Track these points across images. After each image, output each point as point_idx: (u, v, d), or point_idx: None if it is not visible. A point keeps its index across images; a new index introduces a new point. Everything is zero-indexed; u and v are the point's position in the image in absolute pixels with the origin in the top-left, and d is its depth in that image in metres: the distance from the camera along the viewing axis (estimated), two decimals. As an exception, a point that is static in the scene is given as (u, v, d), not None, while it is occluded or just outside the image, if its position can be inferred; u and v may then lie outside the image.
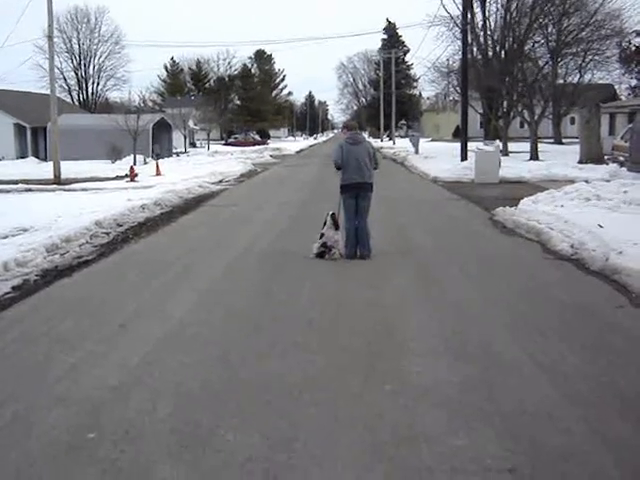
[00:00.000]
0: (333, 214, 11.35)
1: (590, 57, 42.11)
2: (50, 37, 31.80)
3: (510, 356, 6.36)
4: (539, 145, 38.96)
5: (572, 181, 21.04)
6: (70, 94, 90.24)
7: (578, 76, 44.84)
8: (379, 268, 10.57)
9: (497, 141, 37.19)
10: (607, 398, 5.36)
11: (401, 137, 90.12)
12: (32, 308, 8.60)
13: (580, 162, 31.00)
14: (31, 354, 6.70)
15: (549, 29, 40.32)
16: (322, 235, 11.24)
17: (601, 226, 11.68)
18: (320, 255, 11.13)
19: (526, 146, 40.98)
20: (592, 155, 31.19)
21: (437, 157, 39.84)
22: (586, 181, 19.18)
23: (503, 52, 41.76)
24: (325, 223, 11.31)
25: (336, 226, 11.27)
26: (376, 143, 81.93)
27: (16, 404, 5.43)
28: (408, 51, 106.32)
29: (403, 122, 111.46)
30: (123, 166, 36.15)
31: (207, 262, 11.29)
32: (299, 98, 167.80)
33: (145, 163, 40.78)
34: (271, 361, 6.30)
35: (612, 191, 16.30)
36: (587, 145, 32.08)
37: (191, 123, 73.36)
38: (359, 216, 11.35)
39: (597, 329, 7.25)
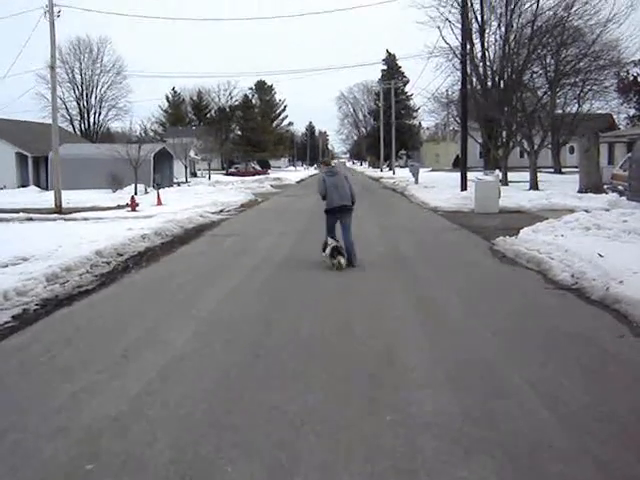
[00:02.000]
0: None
1: (588, 87, 42.43)
2: (52, 67, 32.06)
3: (510, 385, 6.35)
4: (539, 175, 39.12)
5: (572, 210, 21.09)
6: (72, 124, 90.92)
7: (577, 106, 45.19)
8: (380, 298, 10.56)
9: (497, 171, 37.36)
10: (608, 427, 5.34)
11: (401, 167, 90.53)
12: (32, 337, 8.59)
13: (580, 191, 31.08)
14: (31, 384, 6.69)
15: (547, 60, 40.65)
16: (326, 245, 13.35)
17: (601, 255, 11.69)
18: (333, 251, 13.10)
19: (526, 176, 41.13)
20: (591, 184, 31.29)
21: (437, 187, 39.96)
22: (586, 210, 19.21)
23: (502, 82, 42.04)
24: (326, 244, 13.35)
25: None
26: (376, 173, 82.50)
27: (15, 434, 5.41)
28: (408, 82, 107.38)
29: (403, 152, 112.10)
30: (124, 196, 36.24)
31: (207, 291, 11.28)
32: (300, 128, 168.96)
33: (146, 193, 40.87)
34: (272, 391, 6.29)
35: (612, 220, 16.32)
36: (586, 174, 32.19)
37: (192, 153, 73.63)
38: (346, 232, 13.56)
39: (598, 358, 7.23)
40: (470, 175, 33.58)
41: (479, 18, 42.75)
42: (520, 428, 5.34)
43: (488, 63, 43.40)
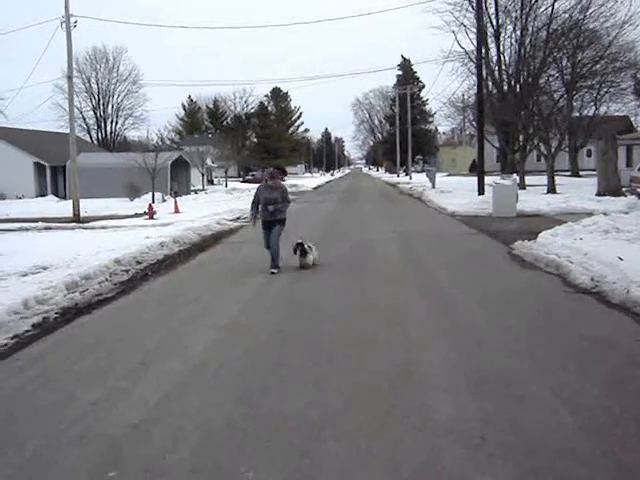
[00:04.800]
0: (301, 243, 14.16)
1: (605, 89, 42.23)
2: (70, 77, 32.27)
3: (531, 390, 6.30)
4: (556, 178, 38.94)
5: (590, 214, 20.95)
6: (89, 133, 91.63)
7: (594, 108, 44.97)
8: (398, 303, 10.53)
9: (514, 175, 37.20)
10: (630, 431, 5.29)
11: (417, 172, 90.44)
12: (52, 346, 8.63)
13: (598, 194, 30.93)
14: (51, 392, 6.71)
15: (564, 62, 40.55)
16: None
17: (621, 258, 11.60)
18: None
19: (543, 179, 40.96)
20: (610, 187, 31.13)
21: (454, 191, 39.88)
22: (604, 213, 19.09)
23: (518, 86, 41.96)
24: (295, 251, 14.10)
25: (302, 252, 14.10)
26: (392, 178, 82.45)
27: (36, 442, 5.43)
28: (423, 87, 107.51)
29: (419, 157, 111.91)
30: (141, 204, 36.41)
31: (226, 299, 11.28)
32: (315, 135, 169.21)
33: (163, 201, 41.05)
34: (291, 397, 6.28)
35: (631, 223, 16.19)
36: (604, 177, 32.02)
37: (209, 161, 73.83)
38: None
39: (618, 362, 7.17)
40: (487, 179, 33.51)
41: (494, 22, 42.72)
42: (542, 433, 5.29)
43: (504, 67, 43.37)
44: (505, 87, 43.47)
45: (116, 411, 6.07)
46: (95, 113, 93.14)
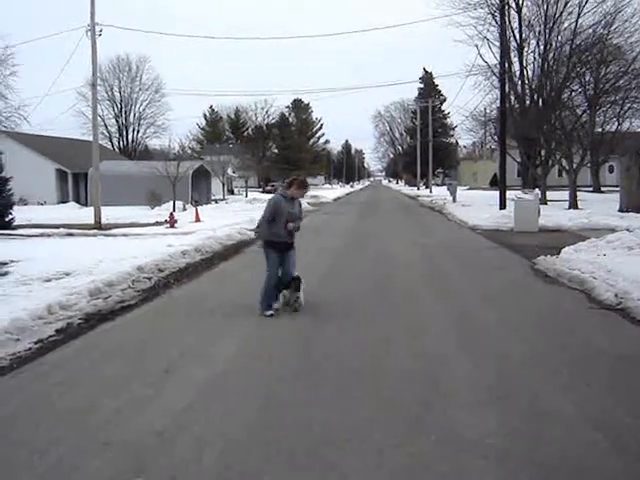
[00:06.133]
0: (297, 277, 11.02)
1: (628, 105, 41.96)
2: (94, 85, 32.48)
3: (556, 407, 6.25)
4: (578, 193, 38.74)
5: (613, 230, 20.84)
6: (111, 141, 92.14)
7: (616, 124, 44.68)
8: (419, 316, 10.50)
9: (536, 189, 37.05)
10: (659, 451, 5.24)
11: (438, 185, 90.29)
12: (76, 352, 8.66)
13: (620, 210, 30.78)
14: (75, 398, 6.73)
15: (587, 78, 40.35)
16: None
17: (646, 275, 11.53)
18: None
19: (564, 194, 40.76)
20: (633, 203, 30.96)
21: (475, 205, 39.82)
22: (628, 229, 18.96)
23: (541, 100, 41.83)
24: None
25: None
26: (412, 191, 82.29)
27: (60, 448, 5.44)
28: (445, 100, 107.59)
29: (440, 170, 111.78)
30: (162, 212, 36.50)
31: (249, 309, 11.25)
32: (336, 146, 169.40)
33: (184, 209, 41.13)
34: (315, 408, 6.26)
35: (655, 240, 16.09)
36: (627, 193, 31.87)
37: (229, 171, 74.12)
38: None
39: (646, 380, 7.12)
40: (508, 194, 33.40)
41: (517, 36, 42.72)
42: (567, 449, 5.25)
43: (527, 81, 43.28)
44: (527, 101, 43.37)
45: (140, 418, 6.08)
46: (117, 121, 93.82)
